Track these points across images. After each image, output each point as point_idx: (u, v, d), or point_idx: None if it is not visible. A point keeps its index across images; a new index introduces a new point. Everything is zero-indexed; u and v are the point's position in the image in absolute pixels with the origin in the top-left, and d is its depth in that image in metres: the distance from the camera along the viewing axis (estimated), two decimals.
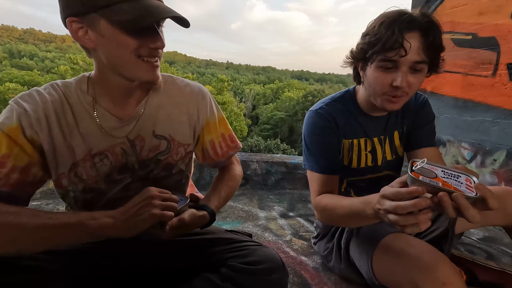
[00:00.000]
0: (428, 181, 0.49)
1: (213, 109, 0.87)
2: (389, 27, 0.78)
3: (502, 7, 1.84)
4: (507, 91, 1.85)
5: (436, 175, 0.51)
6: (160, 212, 0.61)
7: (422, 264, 0.72)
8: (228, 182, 0.88)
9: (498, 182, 1.92)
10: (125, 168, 0.75)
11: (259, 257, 0.69)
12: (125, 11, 0.60)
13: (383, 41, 0.79)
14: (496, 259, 1.38)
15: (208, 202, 0.78)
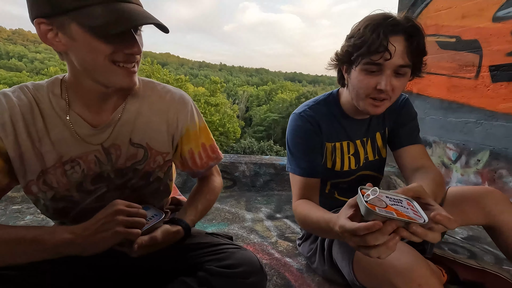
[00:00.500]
0: (384, 213, 0.48)
1: (195, 117, 0.83)
2: (374, 30, 0.79)
3: (484, 11, 1.88)
4: (489, 93, 1.89)
5: (386, 204, 0.52)
6: (125, 230, 0.59)
7: (400, 266, 0.73)
8: (207, 195, 0.85)
9: (482, 182, 1.95)
10: (100, 177, 0.73)
11: (237, 260, 0.69)
12: (97, 15, 0.56)
13: (368, 44, 0.79)
14: (479, 258, 1.40)
15: (184, 215, 0.76)
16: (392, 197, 0.55)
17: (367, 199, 0.51)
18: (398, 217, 0.48)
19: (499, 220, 0.96)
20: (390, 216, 0.48)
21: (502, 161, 1.83)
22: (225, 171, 2.03)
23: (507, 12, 1.76)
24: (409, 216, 0.50)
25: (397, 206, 0.52)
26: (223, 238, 0.84)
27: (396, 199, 0.55)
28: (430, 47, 2.26)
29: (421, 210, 0.53)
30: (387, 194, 0.56)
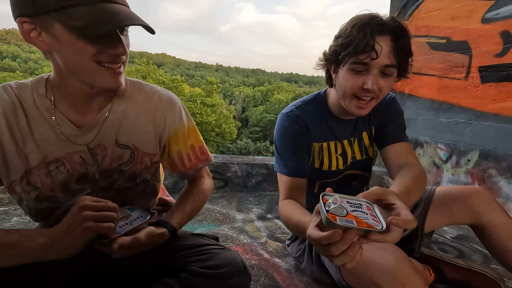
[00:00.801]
0: (344, 223, 0.49)
1: (183, 118, 0.82)
2: (361, 30, 0.79)
3: (473, 12, 1.90)
4: (478, 93, 1.91)
5: (347, 211, 0.53)
6: (94, 224, 0.58)
7: (384, 266, 0.73)
8: (195, 197, 0.84)
9: (472, 182, 1.97)
10: (85, 178, 0.72)
11: (220, 260, 0.68)
12: (80, 16, 0.55)
13: (355, 44, 0.80)
14: (468, 257, 1.41)
15: (170, 217, 0.76)
16: (352, 202, 0.56)
17: (328, 208, 0.52)
18: (358, 226, 0.49)
19: (485, 219, 0.97)
20: (350, 225, 0.49)
21: (491, 161, 1.85)
22: (217, 172, 2.02)
23: (496, 14, 1.78)
24: (368, 224, 0.50)
25: (357, 212, 0.53)
26: (208, 239, 0.83)
27: (356, 203, 0.55)
28: (421, 48, 2.28)
29: (380, 215, 0.54)
30: (348, 199, 0.56)
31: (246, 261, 1.14)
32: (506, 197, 1.78)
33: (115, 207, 0.63)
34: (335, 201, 0.54)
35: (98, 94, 0.69)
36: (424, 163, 2.32)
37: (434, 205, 1.07)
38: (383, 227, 0.50)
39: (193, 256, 0.71)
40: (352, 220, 0.50)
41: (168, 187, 1.87)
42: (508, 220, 0.95)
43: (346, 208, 0.53)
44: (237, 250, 1.23)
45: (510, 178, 1.75)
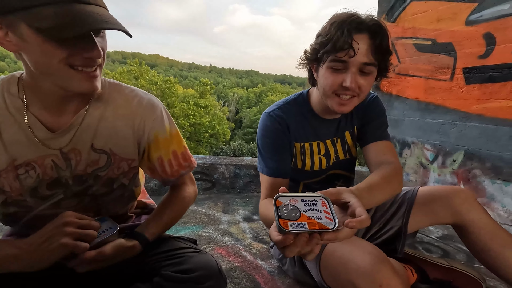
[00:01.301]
0: (296, 228, 0.50)
1: (165, 124, 0.79)
2: (339, 28, 0.80)
3: (457, 15, 1.93)
4: (463, 94, 1.93)
5: (300, 212, 0.53)
6: (72, 242, 0.57)
7: (362, 267, 0.73)
8: (175, 206, 0.82)
9: (457, 182, 1.99)
10: (57, 183, 0.69)
11: (194, 264, 0.67)
12: (46, 17, 0.51)
13: (333, 41, 0.80)
14: (452, 257, 1.42)
15: (145, 228, 0.73)
16: (307, 199, 0.56)
17: (280, 213, 0.52)
18: (309, 230, 0.50)
19: (466, 219, 0.98)
20: (301, 230, 0.50)
21: (475, 161, 1.87)
22: (204, 173, 2.00)
23: (479, 16, 1.81)
24: (320, 224, 0.51)
25: (311, 211, 0.53)
26: (186, 242, 0.81)
27: (311, 200, 0.56)
28: (408, 49, 2.30)
29: (334, 211, 0.54)
30: (302, 197, 0.56)
31: (228, 263, 1.13)
32: (490, 197, 1.80)
33: (97, 226, 0.62)
34: (288, 203, 0.54)
35: (73, 96, 0.66)
36: (411, 163, 2.33)
37: (417, 205, 1.07)
38: (335, 225, 0.51)
39: (167, 260, 0.70)
40: (304, 223, 0.51)
41: (153, 188, 1.84)
42: (489, 220, 0.96)
43: (300, 208, 0.53)
44: (220, 253, 1.21)
45: (494, 178, 1.78)
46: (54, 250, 0.56)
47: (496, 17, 1.72)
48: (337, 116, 1.03)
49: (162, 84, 24.05)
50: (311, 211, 0.53)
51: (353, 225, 0.51)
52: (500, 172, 1.74)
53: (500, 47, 1.71)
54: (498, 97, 1.74)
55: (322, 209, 0.54)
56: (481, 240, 0.96)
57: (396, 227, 1.08)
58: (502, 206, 1.74)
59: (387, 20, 2.47)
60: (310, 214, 0.53)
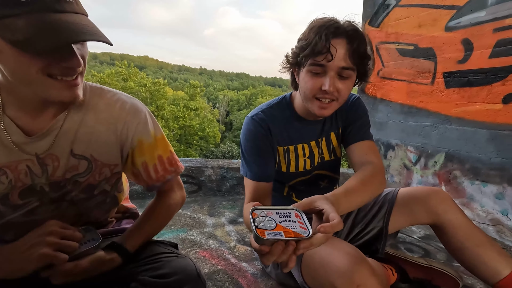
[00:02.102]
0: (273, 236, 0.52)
1: (149, 128, 0.77)
2: (317, 33, 0.82)
3: (437, 21, 1.99)
4: (443, 98, 1.99)
5: (276, 223, 0.55)
6: (52, 253, 0.55)
7: (340, 267, 0.74)
8: (158, 215, 0.80)
9: (439, 183, 2.04)
10: (31, 190, 0.66)
11: (172, 268, 0.66)
12: (19, 29, 0.49)
13: (311, 46, 0.82)
14: (433, 256, 1.46)
15: (127, 239, 0.72)
16: (281, 212, 0.59)
17: (257, 224, 0.54)
18: (285, 237, 0.52)
19: (443, 219, 1.00)
20: (278, 238, 0.52)
21: (456, 162, 1.93)
22: (190, 176, 1.99)
23: (458, 22, 1.87)
24: (295, 233, 0.54)
25: (286, 222, 0.56)
26: (165, 246, 0.80)
27: (285, 213, 0.59)
28: (391, 54, 2.35)
29: (307, 221, 0.57)
30: (277, 209, 0.59)
31: (212, 266, 1.12)
32: (470, 197, 1.86)
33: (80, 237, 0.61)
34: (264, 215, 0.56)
35: (52, 102, 0.64)
36: (395, 165, 2.38)
37: (397, 206, 1.09)
38: (310, 233, 0.53)
39: (145, 265, 0.69)
40: (280, 232, 0.53)
41: (138, 192, 1.81)
42: (464, 220, 0.99)
43: (275, 219, 0.56)
44: (204, 256, 1.20)
45: (473, 179, 1.83)
46: (33, 260, 0.55)
47: (473, 24, 1.79)
48: (320, 118, 1.05)
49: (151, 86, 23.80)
50: (286, 222, 0.56)
51: (325, 229, 0.53)
52: (478, 173, 1.80)
53: (477, 52, 1.78)
54: (476, 100, 1.80)
55: (296, 220, 0.57)
56: (457, 239, 0.99)
57: (377, 228, 1.10)
58: (481, 206, 1.79)
59: (371, 25, 2.52)
60: (285, 225, 0.55)
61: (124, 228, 0.85)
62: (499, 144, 1.69)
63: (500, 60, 1.67)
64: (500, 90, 1.68)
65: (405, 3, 2.23)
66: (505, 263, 0.92)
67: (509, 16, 1.62)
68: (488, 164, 1.74)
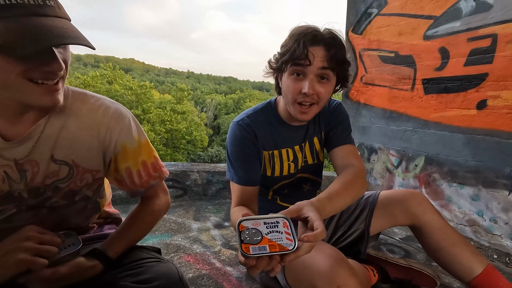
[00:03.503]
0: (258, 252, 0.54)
1: (133, 133, 0.77)
2: (296, 40, 0.85)
3: (416, 29, 2.08)
4: (423, 103, 2.07)
5: (262, 235, 0.56)
6: (30, 258, 0.54)
7: (321, 269, 0.76)
8: (142, 221, 0.79)
9: (419, 186, 2.11)
10: (8, 197, 0.65)
11: (154, 273, 0.65)
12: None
13: (290, 52, 0.86)
14: (413, 256, 1.50)
15: (108, 246, 0.70)
16: (269, 221, 0.59)
17: (243, 238, 0.55)
18: (270, 252, 0.54)
19: (421, 220, 1.05)
20: (262, 253, 0.53)
21: (435, 166, 2.00)
22: (176, 180, 1.97)
23: (435, 32, 1.96)
24: (281, 246, 0.55)
25: (273, 233, 0.57)
26: (148, 251, 0.79)
27: (273, 222, 0.59)
28: (373, 60, 2.43)
29: (294, 231, 0.58)
30: (265, 219, 0.60)
31: (196, 271, 1.12)
32: (448, 199, 1.93)
33: (59, 242, 0.60)
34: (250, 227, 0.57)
35: (32, 107, 0.63)
36: (378, 168, 2.45)
37: (378, 209, 1.13)
38: (295, 246, 0.55)
39: (127, 271, 0.68)
40: (265, 246, 0.54)
41: (122, 196, 1.78)
42: (441, 221, 1.03)
43: (262, 231, 0.57)
44: (188, 261, 1.20)
45: (451, 182, 1.91)
46: (11, 266, 0.54)
47: (449, 33, 1.87)
48: (304, 123, 1.07)
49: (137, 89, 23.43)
50: (272, 233, 0.57)
51: (309, 239, 0.55)
52: (456, 176, 1.87)
53: (453, 60, 1.86)
54: (453, 106, 1.88)
55: (283, 230, 0.58)
56: (434, 240, 1.03)
57: (359, 230, 1.13)
58: (458, 207, 1.87)
59: (354, 32, 2.60)
60: (272, 237, 0.56)
61: (106, 234, 0.84)
62: (474, 148, 1.77)
63: (474, 68, 1.75)
64: (474, 97, 1.76)
65: (386, 12, 2.31)
66: (478, 262, 0.97)
67: (482, 26, 1.71)
68: (465, 167, 1.82)
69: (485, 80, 1.71)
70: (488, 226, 1.72)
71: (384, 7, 2.33)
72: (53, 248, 0.58)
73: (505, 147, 1.63)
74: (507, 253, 1.61)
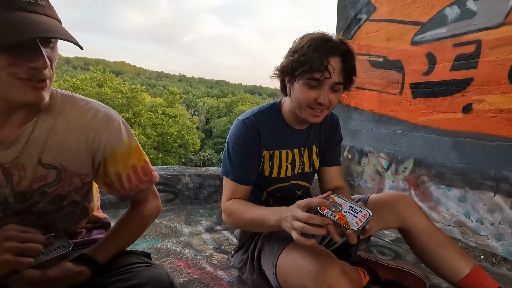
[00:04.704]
0: (328, 215, 0.66)
1: (123, 137, 0.76)
2: (316, 51, 0.88)
3: (404, 35, 2.13)
4: (411, 107, 2.11)
5: (341, 209, 0.69)
6: (14, 258, 0.53)
7: (312, 270, 0.76)
8: (132, 226, 0.78)
9: (409, 188, 2.15)
10: None
11: (143, 278, 0.64)
12: None
13: (310, 63, 0.88)
14: (403, 258, 1.52)
15: (97, 252, 0.69)
16: (354, 206, 0.72)
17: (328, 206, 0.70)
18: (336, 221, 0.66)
19: (409, 223, 1.07)
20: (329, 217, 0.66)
21: (423, 168, 2.04)
22: (167, 184, 1.95)
23: (422, 38, 2.01)
24: (346, 222, 0.67)
25: (350, 214, 0.69)
26: (138, 256, 0.78)
27: (356, 209, 0.71)
28: (363, 65, 2.47)
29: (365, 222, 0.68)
30: (352, 204, 0.72)
31: (187, 276, 1.11)
32: (436, 201, 1.97)
33: (42, 239, 0.58)
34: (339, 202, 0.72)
35: (18, 108, 0.62)
36: (369, 171, 2.48)
37: None
38: (357, 228, 0.66)
39: (116, 276, 0.67)
40: (335, 215, 0.67)
41: (111, 201, 1.75)
42: (428, 223, 1.06)
43: (343, 208, 0.70)
44: (179, 265, 1.18)
45: (439, 184, 1.95)
46: None
47: (435, 39, 1.93)
48: (305, 127, 1.09)
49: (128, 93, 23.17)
50: (349, 214, 0.69)
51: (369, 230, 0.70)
52: (443, 178, 1.92)
53: (439, 65, 1.91)
54: (440, 110, 1.93)
55: (359, 216, 0.69)
56: (422, 242, 1.05)
57: None
58: (446, 209, 1.91)
59: (345, 37, 2.64)
60: (346, 215, 0.69)
61: (94, 238, 0.83)
62: (461, 150, 1.81)
63: (460, 73, 1.80)
64: (460, 101, 1.81)
65: (375, 18, 2.36)
66: (465, 262, 0.99)
67: (466, 33, 1.77)
68: (452, 169, 1.86)
69: (470, 85, 1.76)
70: (475, 227, 1.75)
71: (373, 13, 2.38)
72: (36, 245, 0.56)
73: (490, 150, 1.68)
74: (493, 253, 1.65)
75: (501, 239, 1.63)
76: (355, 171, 2.60)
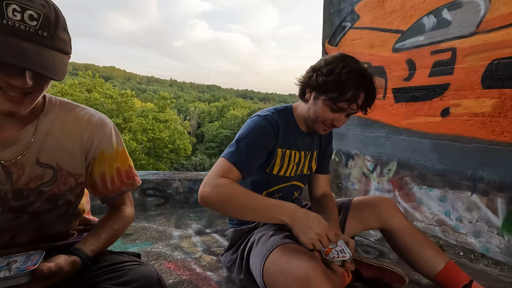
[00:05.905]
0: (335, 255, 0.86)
1: (112, 141, 0.81)
2: (353, 86, 0.95)
3: (386, 42, 2.22)
4: (394, 111, 2.20)
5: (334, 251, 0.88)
6: None
7: (296, 273, 0.80)
8: (113, 225, 0.81)
9: (393, 189, 2.23)
10: None
11: (133, 276, 0.68)
12: None
13: (344, 94, 0.95)
14: (386, 256, 1.58)
15: (83, 245, 0.73)
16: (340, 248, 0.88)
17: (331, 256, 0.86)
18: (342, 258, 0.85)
19: (389, 224, 1.15)
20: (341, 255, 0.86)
21: (406, 170, 2.12)
22: (157, 189, 1.97)
23: (402, 45, 2.11)
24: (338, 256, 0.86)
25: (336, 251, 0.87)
26: (128, 256, 0.82)
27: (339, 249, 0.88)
28: None
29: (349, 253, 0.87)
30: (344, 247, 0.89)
31: (176, 277, 1.13)
32: (419, 201, 2.05)
33: None
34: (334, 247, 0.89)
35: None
36: (355, 173, 2.55)
37: (351, 213, 1.21)
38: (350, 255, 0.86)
39: (106, 274, 0.70)
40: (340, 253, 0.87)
41: (101, 206, 1.76)
42: (407, 224, 1.14)
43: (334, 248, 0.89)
44: (169, 267, 1.21)
45: (421, 185, 2.03)
46: None
47: (414, 46, 2.02)
48: (312, 131, 1.16)
49: (118, 98, 22.89)
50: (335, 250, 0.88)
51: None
52: (425, 179, 2.00)
53: (419, 71, 2.01)
54: (420, 114, 2.02)
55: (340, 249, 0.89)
56: (402, 241, 1.12)
57: None
58: (428, 209, 1.98)
59: (330, 44, 2.73)
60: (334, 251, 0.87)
61: None
62: (440, 152, 1.90)
63: (438, 79, 1.90)
64: (439, 105, 1.90)
65: (358, 26, 2.46)
66: (440, 258, 1.07)
67: (443, 41, 1.87)
68: (432, 171, 1.95)
69: (447, 90, 1.85)
70: (455, 225, 1.84)
71: (357, 21, 2.48)
72: None
73: (466, 151, 1.77)
74: (471, 250, 1.73)
75: (479, 236, 1.71)
76: (343, 173, 2.67)
